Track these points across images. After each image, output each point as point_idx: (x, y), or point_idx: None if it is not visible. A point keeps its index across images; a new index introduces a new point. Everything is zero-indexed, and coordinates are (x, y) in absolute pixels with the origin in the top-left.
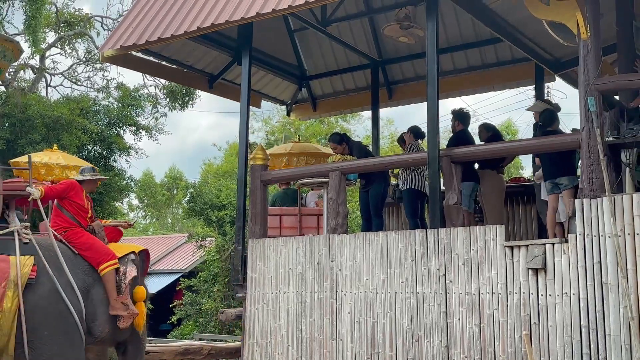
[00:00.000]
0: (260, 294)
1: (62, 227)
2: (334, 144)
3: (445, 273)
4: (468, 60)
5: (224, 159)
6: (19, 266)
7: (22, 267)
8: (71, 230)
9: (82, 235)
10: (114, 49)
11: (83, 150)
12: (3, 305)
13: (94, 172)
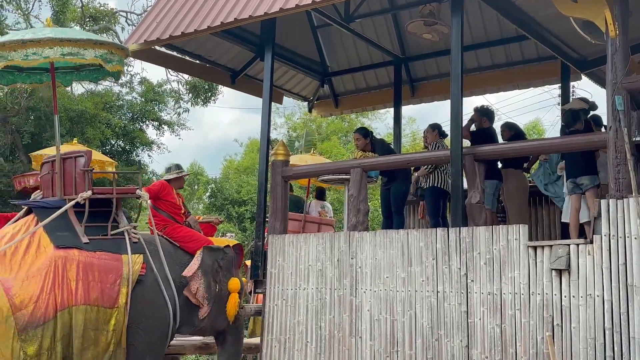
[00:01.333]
0: (280, 290)
1: (160, 225)
2: (359, 134)
3: (467, 272)
4: (492, 58)
5: (245, 155)
6: (130, 264)
7: (133, 264)
8: (170, 227)
9: (181, 229)
10: (138, 44)
11: (106, 144)
12: (119, 301)
13: (179, 169)
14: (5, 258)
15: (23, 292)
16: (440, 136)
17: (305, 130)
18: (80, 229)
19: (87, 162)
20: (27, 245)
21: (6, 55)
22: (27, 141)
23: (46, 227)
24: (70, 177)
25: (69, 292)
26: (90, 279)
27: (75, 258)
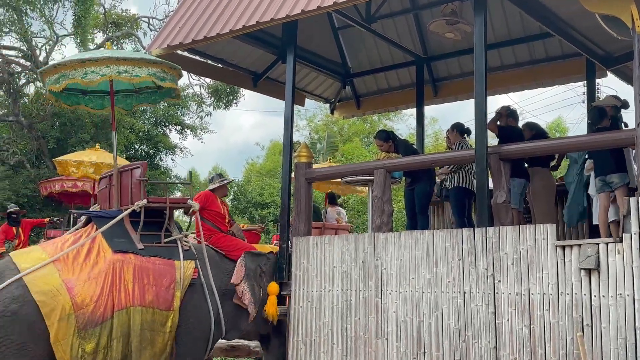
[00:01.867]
0: (305, 291)
1: (206, 234)
2: (380, 141)
3: (494, 273)
4: (516, 56)
5: (267, 157)
6: (183, 269)
7: (185, 270)
8: (215, 236)
9: (225, 238)
10: (161, 48)
11: (130, 149)
12: (174, 305)
13: (221, 177)
14: (68, 261)
15: (84, 292)
16: (462, 135)
17: (327, 132)
18: (135, 237)
19: (142, 173)
20: (88, 250)
21: (67, 74)
22: (53, 147)
23: (105, 234)
24: (127, 188)
25: (126, 294)
26: (146, 282)
27: (131, 262)
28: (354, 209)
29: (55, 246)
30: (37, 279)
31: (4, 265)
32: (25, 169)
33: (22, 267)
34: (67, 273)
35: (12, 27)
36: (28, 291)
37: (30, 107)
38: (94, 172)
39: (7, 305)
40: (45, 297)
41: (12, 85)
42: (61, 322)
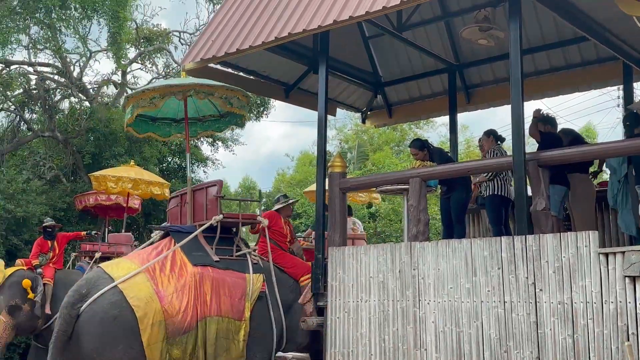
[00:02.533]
0: (342, 302)
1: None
2: (415, 149)
3: (535, 281)
4: (550, 61)
5: (297, 168)
6: (252, 282)
7: (254, 283)
8: (275, 253)
9: (285, 256)
10: (194, 62)
11: (163, 162)
12: (245, 315)
13: (286, 198)
14: (155, 272)
15: (173, 302)
16: (497, 142)
17: (357, 141)
18: (210, 250)
19: (218, 190)
20: (171, 263)
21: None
22: (88, 161)
23: (183, 248)
24: (201, 206)
25: (204, 304)
26: (222, 293)
27: (209, 275)
28: (385, 218)
29: (141, 257)
30: (131, 286)
31: (97, 275)
32: (62, 184)
33: (115, 275)
34: (157, 283)
35: (47, 45)
36: (124, 297)
37: (65, 122)
38: (132, 188)
39: (108, 311)
40: (140, 302)
41: (47, 102)
42: (153, 327)
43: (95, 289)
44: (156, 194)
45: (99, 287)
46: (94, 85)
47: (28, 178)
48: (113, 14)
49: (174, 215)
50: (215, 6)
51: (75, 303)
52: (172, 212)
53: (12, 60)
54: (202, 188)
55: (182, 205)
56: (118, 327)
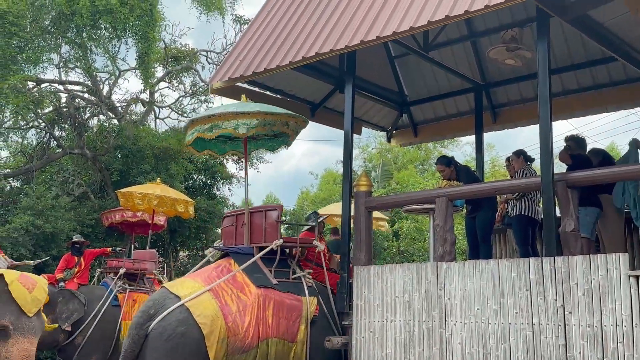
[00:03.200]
0: (367, 322)
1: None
2: (442, 166)
3: (564, 304)
4: (578, 81)
5: (320, 186)
6: (308, 305)
7: (310, 305)
8: (321, 275)
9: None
10: (222, 81)
11: (189, 179)
12: (298, 337)
13: (317, 215)
14: (219, 291)
15: (237, 321)
16: (527, 162)
17: (381, 160)
18: (269, 273)
19: (279, 215)
20: (233, 284)
21: (220, 124)
22: (116, 178)
23: (244, 270)
24: (258, 227)
25: (266, 326)
26: (281, 315)
27: (272, 297)
28: (408, 236)
29: (203, 277)
30: (197, 305)
31: (163, 295)
32: (90, 200)
33: (181, 294)
34: (221, 302)
35: (77, 64)
36: (191, 315)
37: (94, 140)
38: (158, 205)
39: (175, 328)
40: (206, 319)
41: (77, 119)
42: (218, 344)
43: (162, 308)
44: (180, 211)
45: (166, 306)
46: (122, 104)
47: (57, 194)
48: (142, 34)
49: (228, 234)
50: (242, 26)
51: (144, 323)
52: (226, 231)
53: (44, 79)
54: (261, 211)
55: (237, 225)
56: (185, 343)
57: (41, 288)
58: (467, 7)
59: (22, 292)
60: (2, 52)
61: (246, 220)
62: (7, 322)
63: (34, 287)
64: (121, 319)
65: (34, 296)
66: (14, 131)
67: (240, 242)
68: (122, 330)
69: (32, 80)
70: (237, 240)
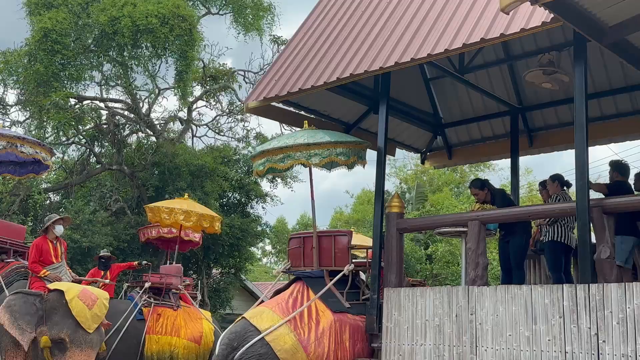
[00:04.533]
0: (396, 345)
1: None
2: (475, 189)
3: (598, 332)
4: (617, 106)
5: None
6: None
7: None
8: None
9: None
10: (257, 101)
11: (224, 197)
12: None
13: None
14: (297, 322)
15: (316, 350)
16: (562, 187)
17: (416, 181)
18: (341, 296)
19: (349, 240)
20: (308, 310)
21: (293, 154)
22: (152, 194)
23: (316, 293)
24: (327, 251)
25: (344, 350)
26: (357, 338)
27: (347, 321)
28: (442, 259)
29: (281, 307)
30: (278, 339)
31: (244, 328)
32: (126, 215)
33: (261, 327)
34: (299, 333)
35: (118, 82)
36: (272, 349)
37: (132, 156)
38: (184, 219)
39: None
40: (287, 354)
41: (116, 136)
42: None
43: (245, 341)
44: (205, 226)
45: (248, 339)
46: (160, 121)
47: (95, 209)
48: (181, 53)
49: (295, 256)
50: (279, 46)
51: (227, 355)
52: (293, 253)
53: (85, 96)
54: (330, 235)
55: (304, 247)
56: None
57: (102, 304)
58: (503, 30)
59: (82, 309)
60: (45, 70)
61: (315, 244)
62: (64, 335)
63: (94, 304)
64: (145, 332)
65: (94, 313)
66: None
67: (309, 264)
68: (146, 344)
69: (73, 97)
70: (305, 262)
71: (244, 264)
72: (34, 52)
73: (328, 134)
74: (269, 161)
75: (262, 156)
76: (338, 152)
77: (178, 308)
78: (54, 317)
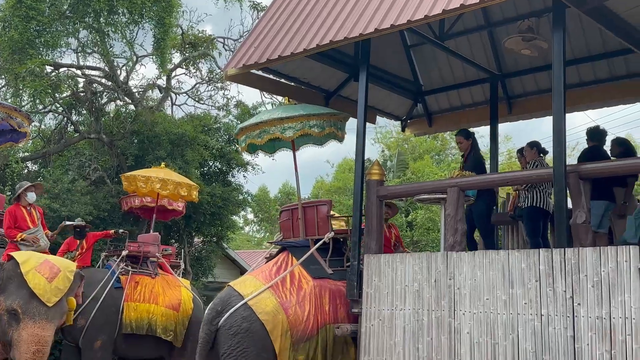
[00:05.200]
0: (376, 310)
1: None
2: (461, 137)
3: (573, 295)
4: (595, 73)
5: (336, 175)
6: None
7: None
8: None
9: None
10: (236, 68)
11: (204, 166)
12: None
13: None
14: (278, 286)
15: (297, 313)
16: (539, 154)
17: (397, 149)
18: (324, 263)
19: (329, 210)
20: (291, 277)
21: (268, 129)
22: (131, 163)
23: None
24: (311, 221)
25: (324, 313)
26: (338, 302)
27: (327, 286)
28: (422, 227)
29: (264, 275)
30: (259, 302)
31: (229, 293)
32: (106, 185)
33: (244, 293)
34: (281, 297)
35: (95, 49)
36: (254, 312)
37: (110, 125)
38: (160, 188)
39: (240, 324)
40: (268, 316)
41: (94, 104)
42: (282, 337)
43: (228, 305)
44: (183, 195)
45: (232, 304)
46: (139, 89)
47: (73, 178)
48: (159, 20)
49: (286, 228)
50: (259, 13)
51: (213, 319)
52: (284, 225)
53: (61, 63)
54: (313, 206)
55: (292, 219)
56: (251, 338)
57: (65, 277)
58: None
59: (39, 282)
60: (20, 36)
61: (300, 214)
62: (16, 306)
63: (56, 276)
64: (123, 300)
65: (55, 286)
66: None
67: (297, 235)
68: (124, 312)
69: (49, 65)
70: (294, 234)
71: (226, 232)
72: (8, 18)
73: (303, 108)
74: (248, 137)
75: (242, 133)
76: (311, 124)
77: (156, 276)
78: (10, 287)
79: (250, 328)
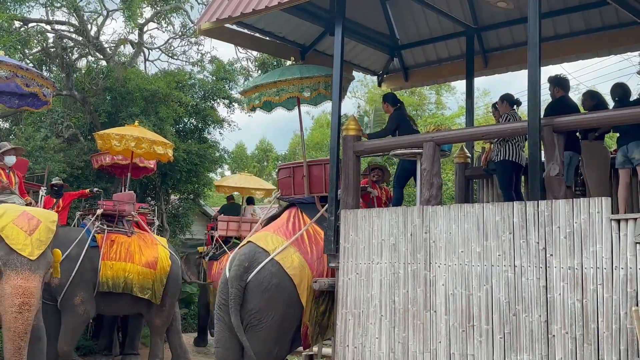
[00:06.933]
0: (353, 264)
1: None
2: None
3: (546, 246)
4: (570, 25)
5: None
6: None
7: None
8: None
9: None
10: (210, 22)
11: (179, 123)
12: None
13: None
14: (300, 244)
15: (318, 268)
16: (512, 106)
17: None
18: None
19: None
20: (307, 234)
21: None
22: (104, 120)
23: (311, 218)
24: (318, 179)
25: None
26: None
27: None
28: None
29: (282, 231)
30: (286, 258)
31: (252, 249)
32: (79, 142)
33: (268, 249)
34: (304, 252)
35: (62, 2)
36: (282, 267)
37: (83, 81)
38: (135, 146)
39: (270, 280)
40: (295, 271)
41: (65, 60)
42: (308, 290)
43: (255, 262)
44: (159, 153)
45: (258, 260)
46: (111, 45)
47: (46, 136)
48: None
49: (285, 185)
50: None
51: (242, 275)
52: (283, 182)
53: (30, 18)
54: (320, 164)
55: (294, 176)
56: (281, 292)
57: (46, 228)
58: None
59: (17, 235)
60: None
61: (305, 172)
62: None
63: (36, 229)
64: (100, 259)
65: (36, 238)
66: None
67: (299, 192)
68: (101, 270)
69: (18, 20)
70: (295, 191)
71: (203, 189)
72: None
73: (320, 69)
74: (264, 94)
75: (255, 90)
76: (327, 84)
77: (132, 234)
78: None
79: (280, 283)
